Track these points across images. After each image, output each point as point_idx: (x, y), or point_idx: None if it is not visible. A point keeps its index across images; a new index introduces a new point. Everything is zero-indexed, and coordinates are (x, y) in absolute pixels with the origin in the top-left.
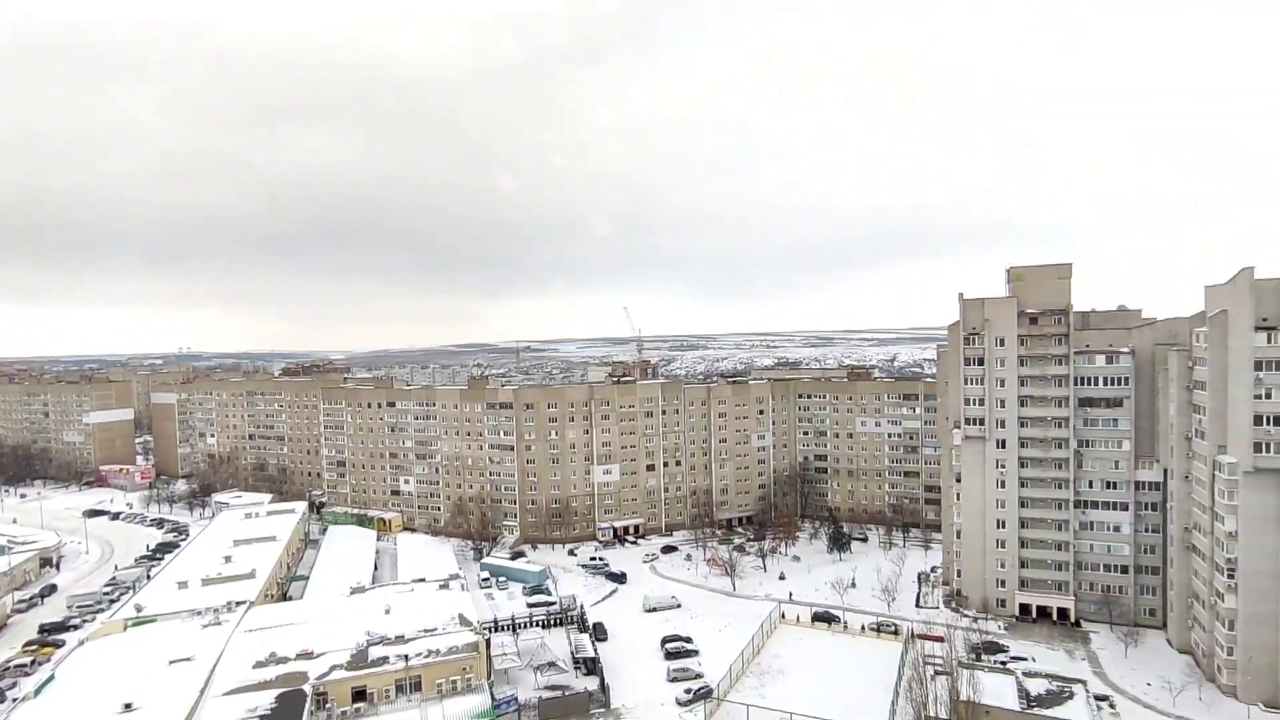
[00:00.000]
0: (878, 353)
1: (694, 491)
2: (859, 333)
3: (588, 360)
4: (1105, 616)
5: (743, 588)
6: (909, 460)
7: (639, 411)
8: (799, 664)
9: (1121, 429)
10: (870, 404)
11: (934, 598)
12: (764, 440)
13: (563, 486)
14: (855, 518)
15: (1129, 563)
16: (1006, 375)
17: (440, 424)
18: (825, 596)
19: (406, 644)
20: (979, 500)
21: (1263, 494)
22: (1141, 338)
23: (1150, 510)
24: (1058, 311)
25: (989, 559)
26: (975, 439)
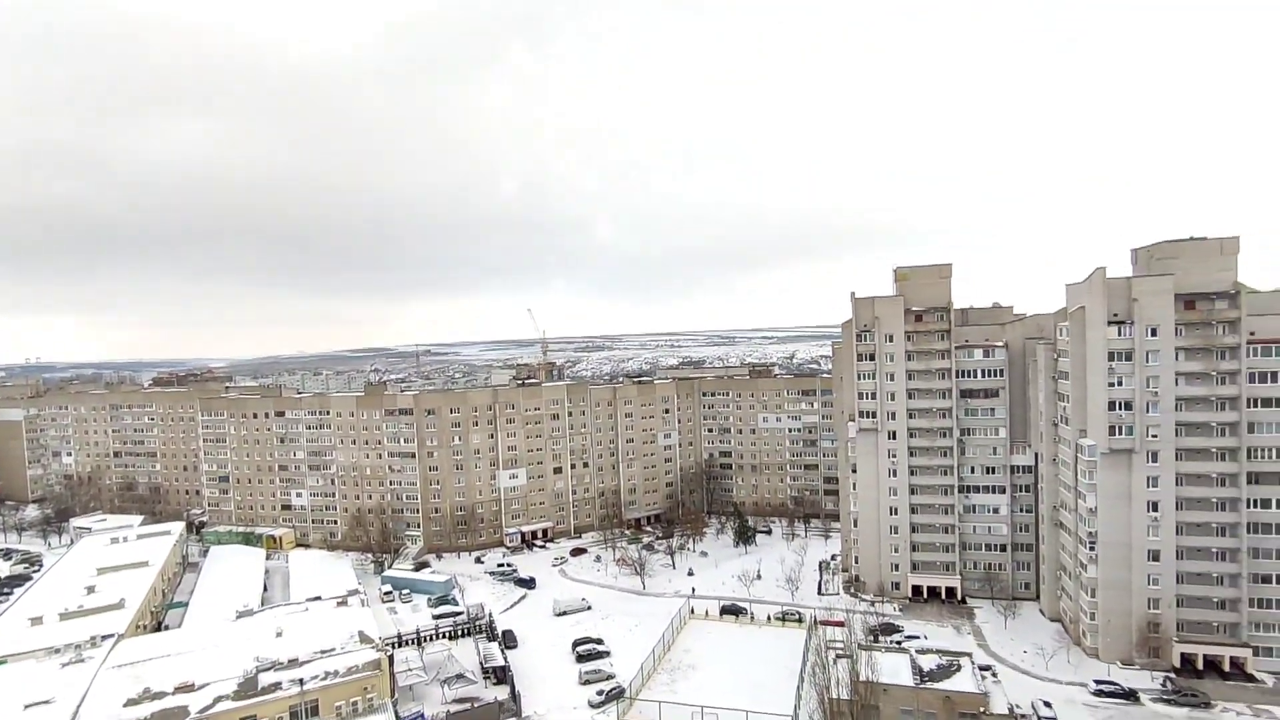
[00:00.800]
0: (778, 350)
1: (602, 492)
2: (760, 331)
3: (491, 363)
4: (987, 592)
5: (652, 586)
6: (808, 453)
7: (545, 414)
8: (709, 657)
9: (998, 417)
10: (771, 400)
11: (834, 584)
12: (670, 439)
13: (468, 493)
14: (759, 511)
15: (1007, 541)
16: (895, 370)
17: (335, 433)
18: (733, 589)
19: (301, 667)
20: (873, 489)
21: (1117, 473)
22: (1013, 333)
23: (1024, 492)
24: (940, 309)
25: (884, 544)
26: (869, 431)
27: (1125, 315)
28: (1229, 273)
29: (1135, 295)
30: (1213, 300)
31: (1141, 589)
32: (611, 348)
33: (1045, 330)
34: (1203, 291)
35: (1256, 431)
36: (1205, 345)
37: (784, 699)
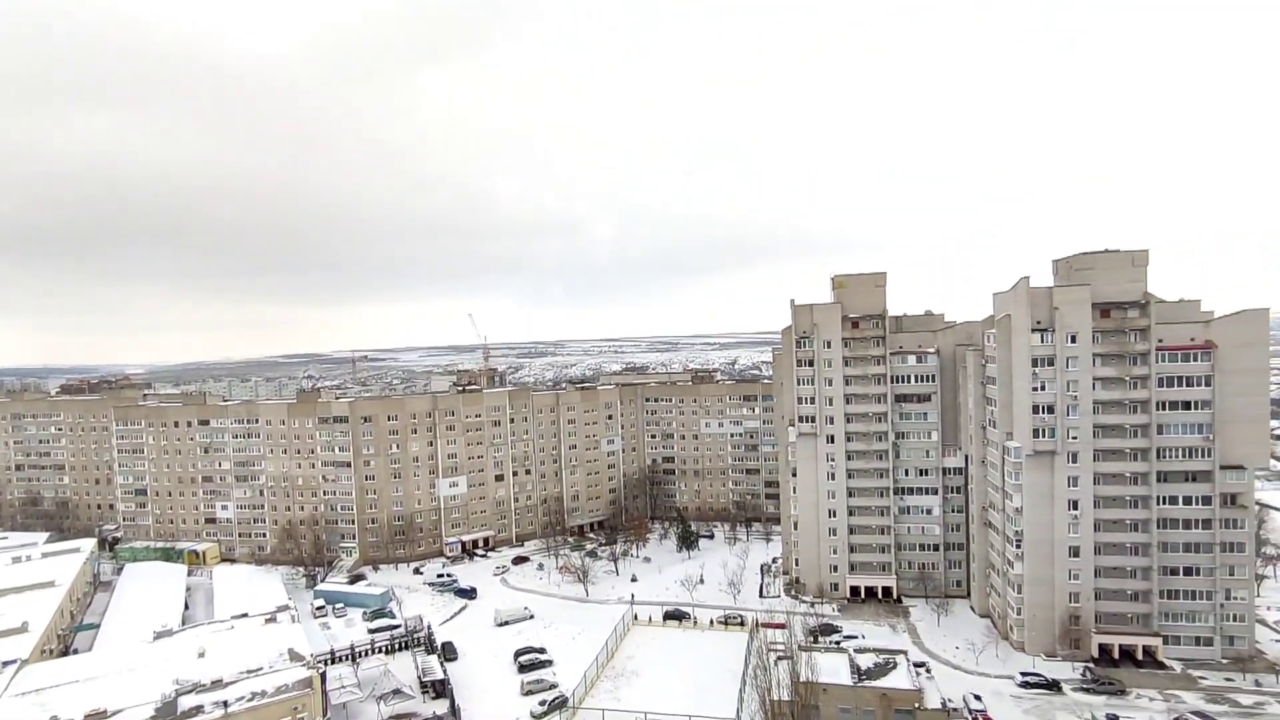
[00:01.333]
0: (720, 356)
1: (545, 500)
2: (702, 337)
3: (431, 369)
4: (921, 591)
5: (596, 593)
6: (750, 458)
7: (486, 421)
8: (652, 663)
9: (930, 421)
10: (714, 406)
11: (775, 587)
12: (613, 445)
13: (406, 502)
14: (702, 516)
15: (939, 541)
16: (833, 375)
17: (265, 442)
18: (676, 594)
19: (226, 688)
20: (813, 492)
21: (1040, 473)
22: (944, 339)
23: (955, 493)
24: (875, 316)
25: (823, 546)
26: (808, 435)
27: (1047, 323)
28: (1140, 283)
29: (1056, 304)
30: (1125, 309)
31: (1063, 584)
32: (554, 353)
33: (974, 337)
34: (1117, 301)
35: (1165, 433)
36: (1119, 352)
37: (727, 702)
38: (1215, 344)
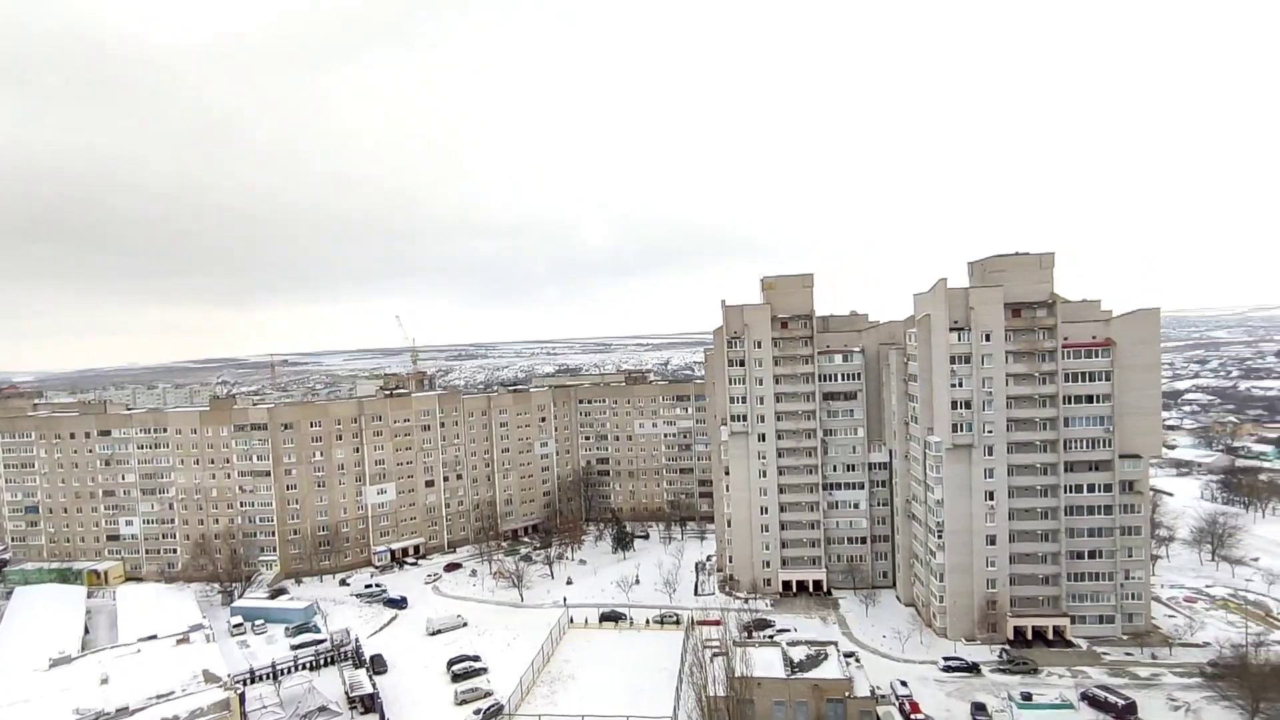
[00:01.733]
0: (653, 357)
1: (477, 504)
2: (635, 338)
3: (356, 373)
4: (850, 583)
5: (531, 597)
6: (684, 458)
7: (415, 425)
8: (589, 665)
9: (857, 418)
10: (647, 406)
11: (710, 584)
12: (547, 448)
13: (331, 511)
14: (637, 516)
15: (866, 534)
16: (764, 374)
17: (175, 452)
18: (612, 596)
19: (133, 716)
20: (745, 490)
21: (959, 466)
22: (869, 339)
23: (881, 487)
24: (803, 316)
25: (755, 543)
26: (740, 434)
27: (964, 322)
28: (1047, 284)
29: (972, 304)
30: (1034, 309)
31: (981, 571)
32: (486, 355)
33: (896, 336)
34: (1026, 301)
35: (1071, 425)
36: (1029, 349)
37: (664, 701)
38: (1114, 341)
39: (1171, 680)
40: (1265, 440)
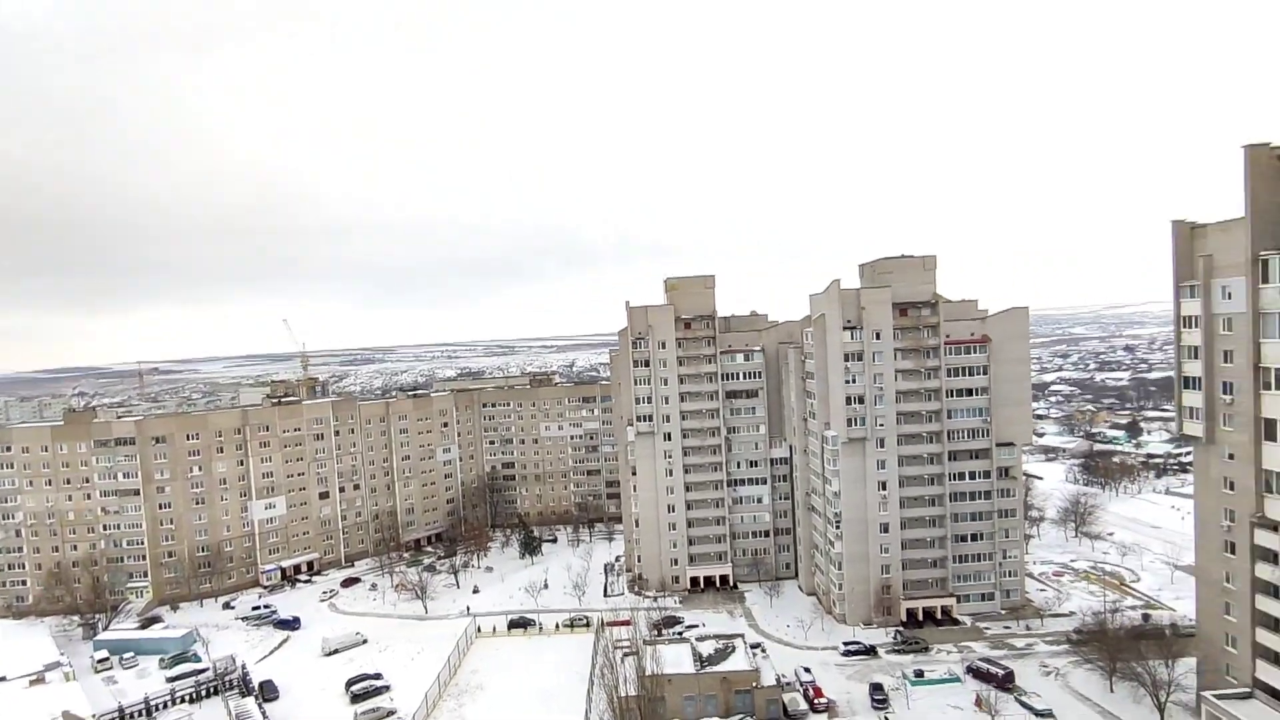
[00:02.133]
0: (558, 359)
1: (376, 515)
2: (540, 340)
3: (240, 380)
4: (755, 576)
5: (436, 608)
6: (591, 459)
7: (307, 434)
8: (498, 674)
9: (758, 415)
10: (553, 409)
11: (620, 585)
12: (450, 454)
13: (211, 530)
14: (545, 520)
15: (769, 528)
16: (668, 374)
17: (21, 473)
18: (521, 602)
19: None
20: (652, 489)
21: (854, 459)
22: (769, 338)
23: (782, 481)
24: (706, 317)
25: (663, 541)
26: (646, 434)
27: (856, 321)
28: (930, 285)
29: (864, 304)
30: (920, 308)
31: (876, 558)
32: (383, 360)
33: (794, 336)
34: (912, 301)
35: (953, 417)
36: (915, 346)
37: (575, 704)
38: (989, 338)
39: (1043, 649)
40: (1117, 426)
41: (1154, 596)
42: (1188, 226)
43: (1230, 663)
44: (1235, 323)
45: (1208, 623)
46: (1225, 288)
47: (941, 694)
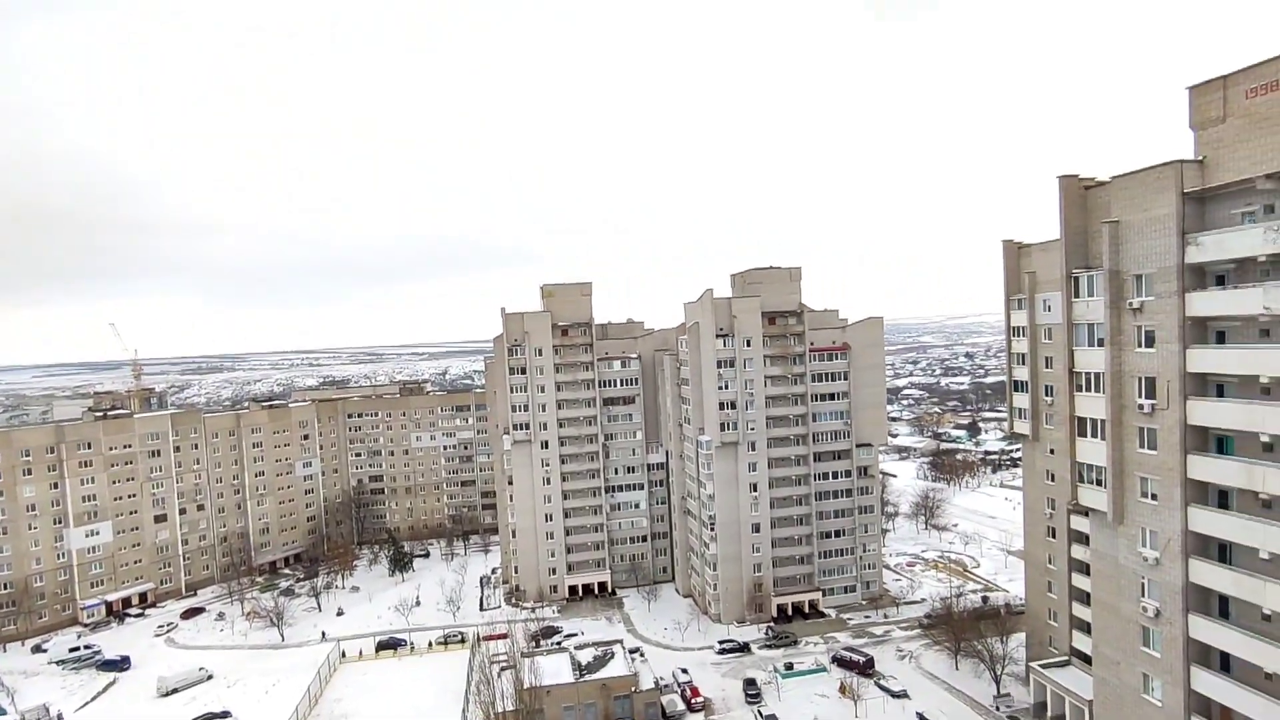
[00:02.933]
0: (430, 366)
1: (225, 538)
2: (410, 347)
3: (53, 392)
4: (633, 581)
5: (295, 635)
6: (466, 469)
7: (140, 451)
8: (365, 700)
9: (635, 422)
10: (425, 418)
11: (497, 597)
12: (311, 468)
13: (17, 564)
14: (416, 534)
15: (647, 532)
16: (545, 382)
17: None
18: (390, 622)
19: None
20: (530, 498)
21: (727, 462)
22: (645, 345)
23: (659, 486)
24: (583, 324)
25: (541, 550)
26: (523, 442)
27: (728, 329)
28: (796, 295)
29: (735, 313)
30: (787, 317)
31: (749, 558)
32: (233, 368)
33: (670, 343)
34: (780, 310)
35: (818, 420)
36: (783, 354)
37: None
38: (849, 345)
39: (899, 634)
40: (959, 426)
41: (992, 580)
42: (1016, 246)
43: (1053, 635)
44: (1055, 332)
45: (1034, 600)
46: (1046, 301)
47: (810, 684)
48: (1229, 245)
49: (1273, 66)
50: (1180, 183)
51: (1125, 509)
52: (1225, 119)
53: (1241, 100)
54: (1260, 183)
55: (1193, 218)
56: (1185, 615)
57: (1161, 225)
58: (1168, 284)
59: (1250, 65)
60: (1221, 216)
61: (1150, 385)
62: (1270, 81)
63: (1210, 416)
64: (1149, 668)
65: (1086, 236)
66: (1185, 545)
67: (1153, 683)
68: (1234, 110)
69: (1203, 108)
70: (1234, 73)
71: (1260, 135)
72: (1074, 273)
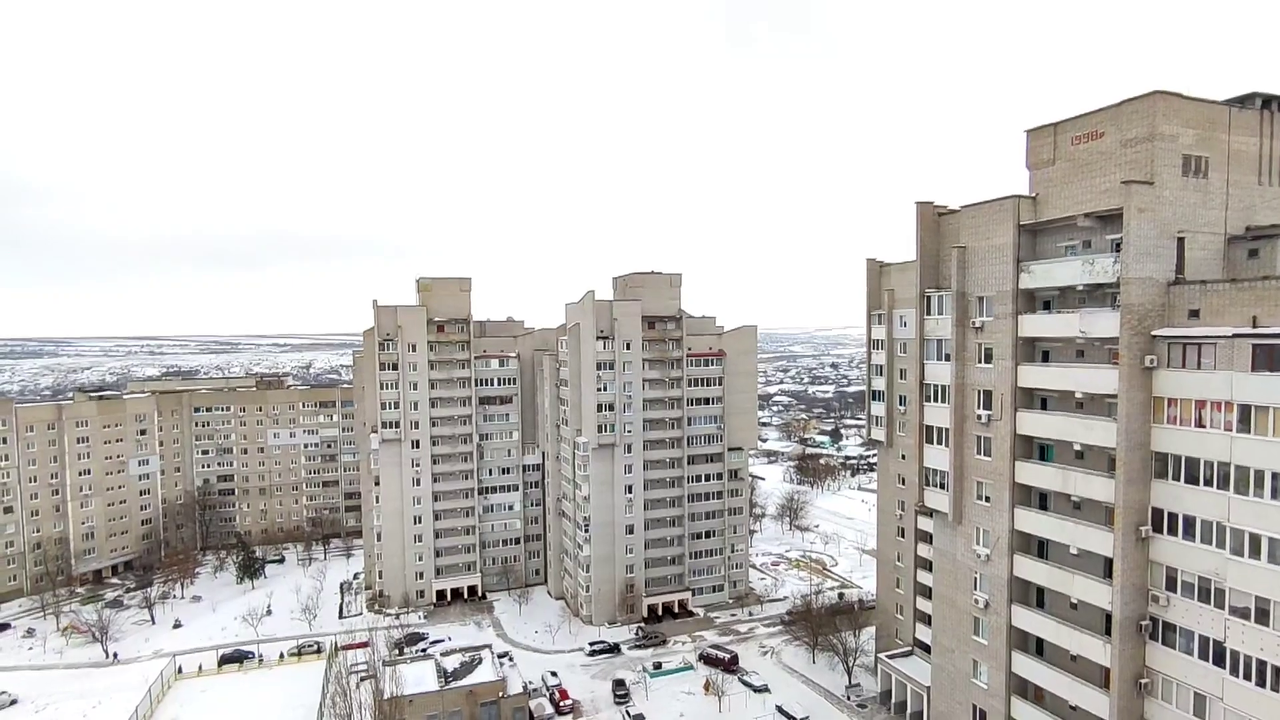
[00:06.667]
0: (293, 359)
1: (39, 544)
2: (269, 338)
3: None
4: (505, 584)
5: (124, 650)
6: (328, 469)
7: None
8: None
9: (512, 422)
10: (284, 414)
11: (358, 604)
12: (148, 466)
13: None
14: (271, 539)
15: (520, 535)
16: (418, 379)
17: None
18: (236, 633)
19: None
20: (398, 500)
21: (604, 464)
22: (525, 345)
23: (534, 488)
24: (461, 320)
25: (408, 555)
26: (392, 441)
27: (609, 332)
28: (676, 301)
29: (616, 315)
30: (666, 322)
31: (622, 559)
32: (56, 353)
33: (550, 343)
34: (659, 315)
35: (693, 424)
36: (661, 358)
37: None
38: (725, 352)
39: (762, 631)
40: (824, 432)
41: (848, 577)
42: (878, 264)
43: (899, 628)
44: (909, 346)
45: (884, 596)
46: (902, 317)
47: (677, 682)
48: (1055, 274)
49: (1094, 118)
50: (1017, 215)
51: (964, 510)
52: (1055, 161)
53: (1068, 146)
54: (1080, 220)
55: (1026, 248)
56: (1009, 605)
57: (1000, 253)
58: (1004, 306)
59: (1076, 115)
60: (1050, 248)
61: (988, 398)
62: (1091, 131)
63: (1035, 427)
64: (978, 654)
65: (939, 259)
66: (1011, 543)
67: (980, 667)
68: (1062, 154)
69: (1037, 149)
70: (1063, 121)
71: (1082, 179)
72: (927, 292)
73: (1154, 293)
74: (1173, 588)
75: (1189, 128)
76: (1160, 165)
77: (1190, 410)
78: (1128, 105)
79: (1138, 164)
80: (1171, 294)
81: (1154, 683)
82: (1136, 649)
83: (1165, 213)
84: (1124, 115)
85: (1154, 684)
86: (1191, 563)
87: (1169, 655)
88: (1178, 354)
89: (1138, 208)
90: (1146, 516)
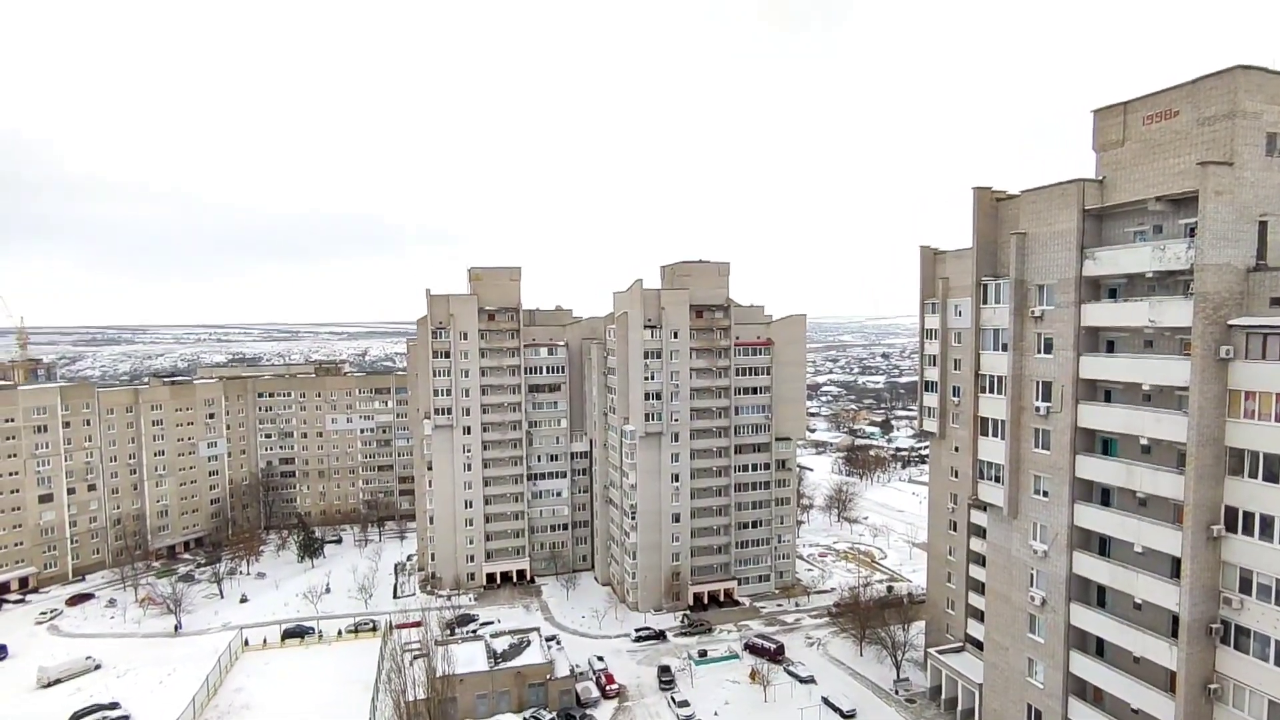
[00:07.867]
0: (349, 347)
1: (119, 520)
2: (328, 326)
3: None
4: (553, 569)
5: (194, 623)
6: (383, 454)
7: (23, 426)
8: (268, 691)
9: (560, 409)
10: (341, 400)
11: (411, 585)
12: (216, 448)
13: None
14: (329, 520)
15: (568, 521)
16: (470, 366)
17: None
18: (298, 609)
19: None
20: (449, 484)
21: (651, 452)
22: (573, 333)
23: (582, 475)
24: (510, 309)
25: (460, 537)
26: (445, 427)
27: (656, 321)
28: (724, 290)
29: (664, 304)
30: (714, 311)
31: (668, 547)
32: (133, 340)
33: (598, 332)
34: (707, 304)
35: (740, 413)
36: (709, 347)
37: (359, 714)
38: (773, 341)
39: (809, 622)
40: (873, 423)
41: (897, 570)
42: (932, 252)
43: (950, 623)
44: (964, 336)
45: (935, 590)
46: (957, 306)
47: (722, 670)
48: (1121, 261)
49: (1168, 96)
50: (1082, 200)
51: (1019, 504)
52: (1124, 142)
53: (1139, 126)
54: (1151, 204)
55: (1091, 233)
56: (1068, 604)
57: (1063, 239)
58: (1066, 295)
59: (1148, 94)
60: (1117, 234)
61: (1046, 389)
62: (1165, 110)
63: (1098, 420)
64: (1034, 652)
65: (996, 246)
66: (1070, 539)
67: (1036, 666)
68: (1132, 135)
69: (1105, 130)
70: (1134, 99)
71: (1154, 160)
72: (983, 280)
73: (1231, 280)
74: (1247, 590)
75: (1274, 104)
76: (1241, 144)
77: (1270, 404)
78: (1205, 81)
79: (1216, 143)
80: (1251, 281)
81: (1224, 688)
82: (1205, 653)
83: (1245, 195)
84: (1201, 92)
85: (1224, 690)
86: (1269, 564)
87: (1241, 660)
88: (1257, 344)
89: (1215, 190)
90: (1219, 515)
